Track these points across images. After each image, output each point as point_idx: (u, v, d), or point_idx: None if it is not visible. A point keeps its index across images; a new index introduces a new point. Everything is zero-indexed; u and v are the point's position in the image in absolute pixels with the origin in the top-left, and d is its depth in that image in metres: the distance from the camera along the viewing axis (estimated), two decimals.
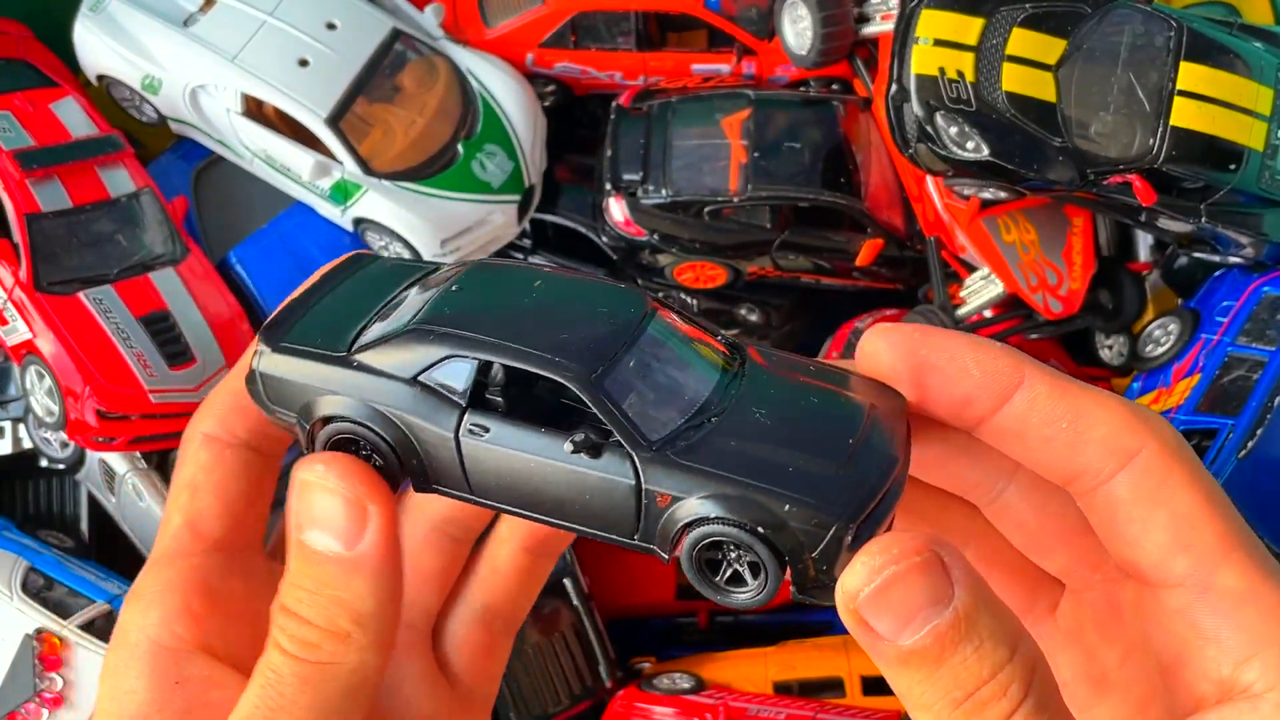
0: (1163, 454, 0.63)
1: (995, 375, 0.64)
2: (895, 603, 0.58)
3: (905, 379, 0.66)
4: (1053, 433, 0.64)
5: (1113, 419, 0.64)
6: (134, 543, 2.24)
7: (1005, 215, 2.18)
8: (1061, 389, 0.64)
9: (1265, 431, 1.95)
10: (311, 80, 2.22)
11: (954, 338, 0.66)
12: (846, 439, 0.63)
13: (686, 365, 0.65)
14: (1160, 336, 2.20)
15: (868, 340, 0.67)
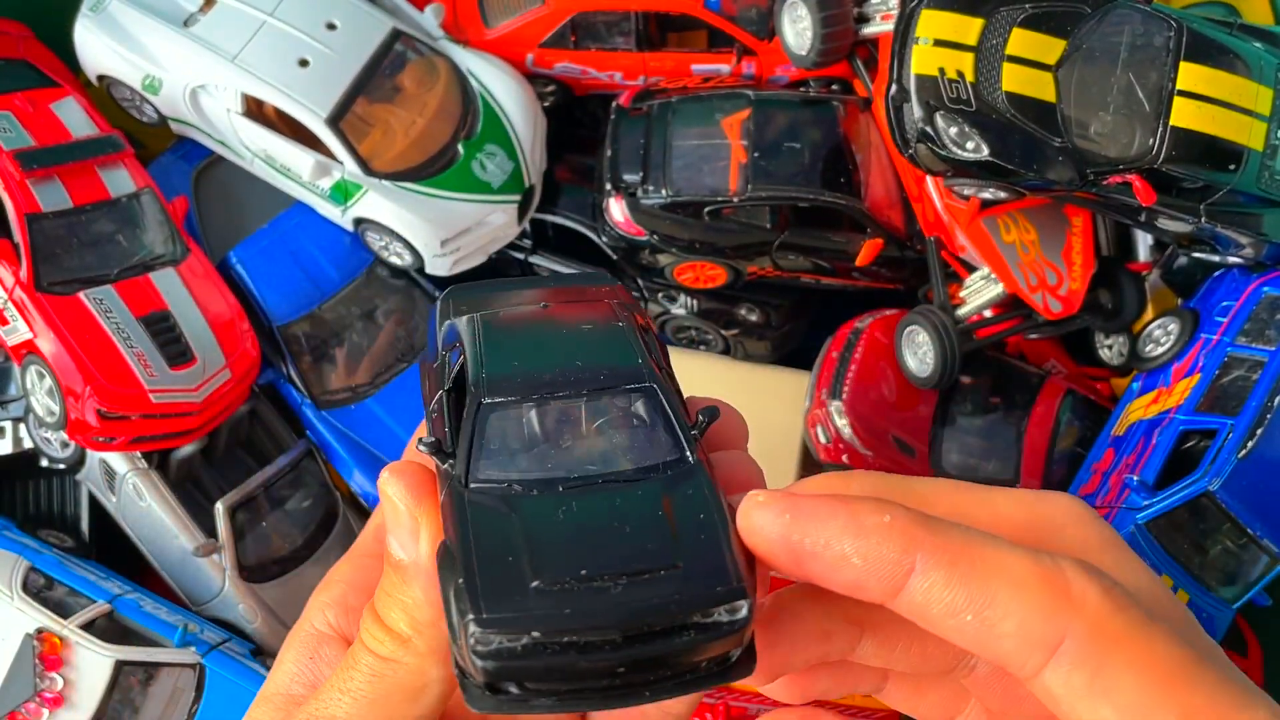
0: (1093, 638, 0.54)
1: (878, 566, 0.56)
2: None
3: (785, 563, 0.58)
4: (958, 624, 0.55)
5: (1024, 607, 0.54)
6: (134, 542, 2.24)
7: (1005, 215, 2.18)
8: (962, 574, 0.54)
9: (1265, 431, 1.95)
10: (311, 80, 2.23)
11: (831, 518, 0.56)
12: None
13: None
14: (1160, 336, 2.20)
15: (741, 514, 0.60)
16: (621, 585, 0.58)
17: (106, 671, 1.94)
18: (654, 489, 0.63)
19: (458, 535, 0.61)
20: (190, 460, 2.24)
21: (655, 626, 0.57)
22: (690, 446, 0.65)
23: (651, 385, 0.67)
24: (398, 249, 2.33)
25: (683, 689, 0.59)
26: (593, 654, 0.57)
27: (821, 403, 2.20)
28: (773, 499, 0.58)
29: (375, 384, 2.37)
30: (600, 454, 0.65)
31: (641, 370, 0.67)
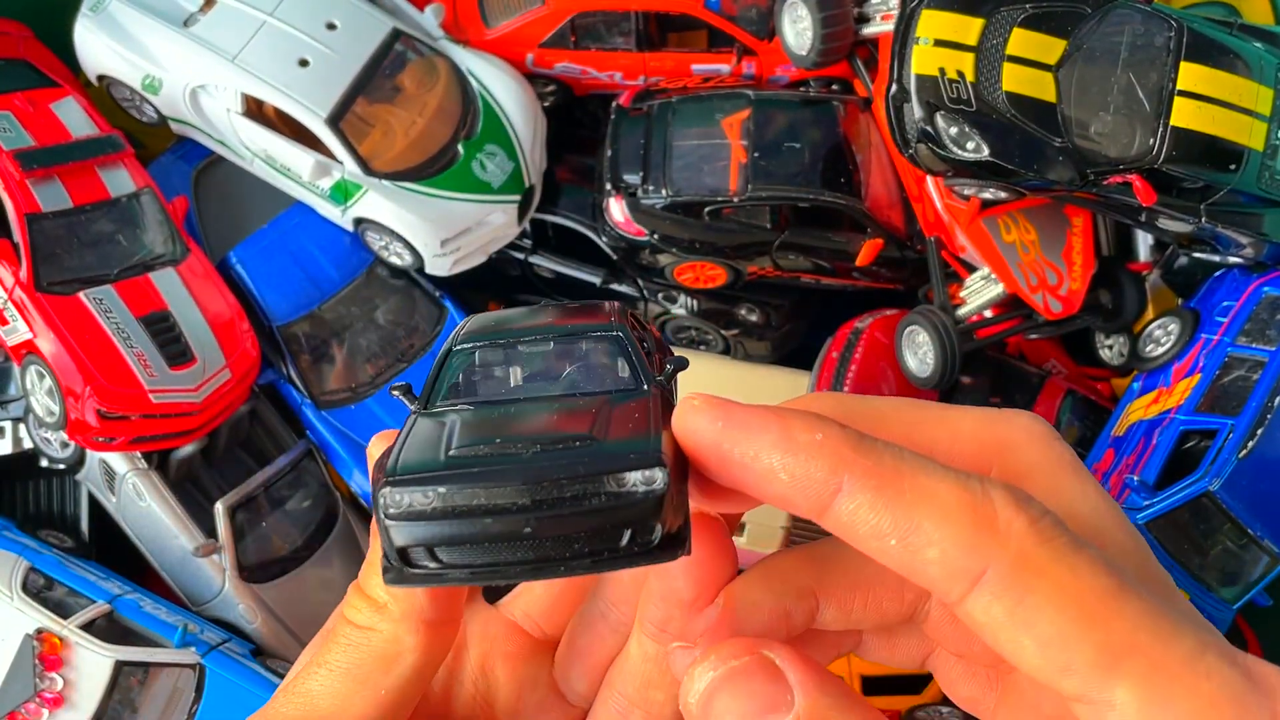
0: (1015, 570, 0.53)
1: (805, 483, 0.55)
2: (724, 711, 0.53)
3: (716, 470, 0.58)
4: (883, 547, 0.54)
5: (947, 536, 0.53)
6: (134, 543, 2.24)
7: (1005, 215, 2.18)
8: (887, 499, 0.54)
9: (1265, 431, 1.95)
10: (311, 80, 2.22)
11: (763, 431, 0.55)
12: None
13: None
14: (1160, 336, 2.20)
15: (677, 416, 0.59)
16: (533, 451, 0.58)
17: (106, 672, 1.94)
18: (596, 402, 0.64)
19: (395, 440, 0.63)
20: (190, 460, 2.24)
21: (564, 490, 0.57)
22: (648, 379, 0.66)
23: (617, 333, 0.67)
24: (398, 249, 2.33)
25: (600, 565, 0.57)
26: (501, 517, 0.57)
27: None
28: (708, 404, 0.57)
29: (375, 384, 2.37)
30: (556, 383, 0.67)
31: (611, 324, 0.68)
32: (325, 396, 2.35)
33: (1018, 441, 0.61)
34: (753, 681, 0.53)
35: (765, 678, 0.53)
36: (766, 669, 0.53)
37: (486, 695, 0.75)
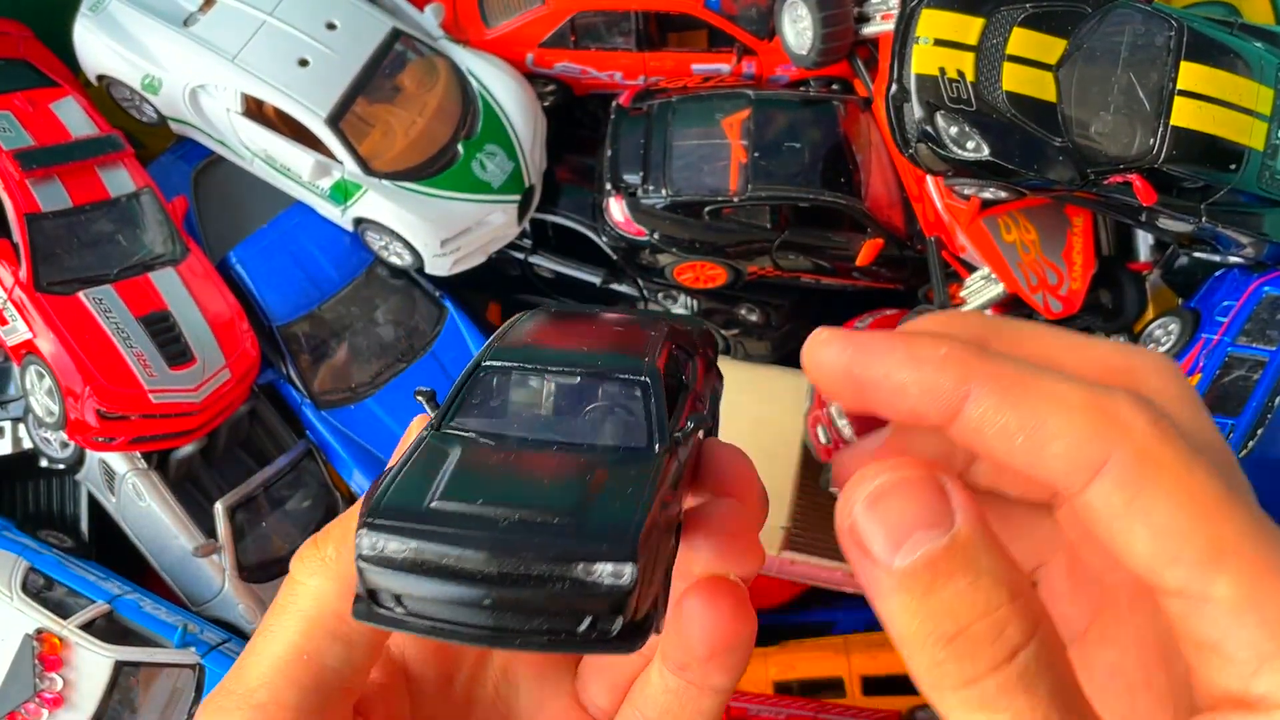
0: (1136, 461, 0.57)
1: (936, 393, 0.59)
2: (890, 516, 0.55)
3: (849, 395, 0.62)
4: (1009, 447, 0.58)
5: (1073, 427, 0.57)
6: (134, 543, 2.24)
7: (1005, 215, 2.18)
8: (1014, 399, 0.58)
9: (1265, 431, 1.95)
10: (311, 80, 2.22)
11: (891, 351, 0.60)
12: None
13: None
14: (1160, 336, 2.20)
15: (810, 350, 0.63)
16: (511, 521, 0.59)
17: (106, 672, 1.94)
18: (597, 461, 0.64)
19: (397, 462, 0.64)
20: (190, 460, 2.24)
21: (530, 568, 0.57)
22: (661, 439, 0.65)
23: (645, 380, 0.67)
24: (398, 249, 2.33)
25: (555, 646, 0.58)
26: (465, 583, 0.58)
27: (822, 403, 2.20)
28: (835, 335, 0.62)
29: (375, 384, 2.37)
30: (571, 426, 0.67)
31: (642, 366, 0.67)
32: (325, 396, 2.35)
33: (1144, 371, 0.63)
34: (922, 493, 0.55)
35: (934, 494, 0.55)
36: (936, 487, 0.55)
37: (507, 700, 0.74)
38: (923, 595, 0.54)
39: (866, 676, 2.20)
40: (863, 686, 2.20)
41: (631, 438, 0.66)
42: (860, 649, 2.23)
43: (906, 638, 0.55)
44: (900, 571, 0.55)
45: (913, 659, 0.56)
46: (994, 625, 0.54)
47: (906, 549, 0.54)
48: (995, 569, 0.55)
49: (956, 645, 0.54)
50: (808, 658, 2.27)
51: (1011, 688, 0.53)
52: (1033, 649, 0.54)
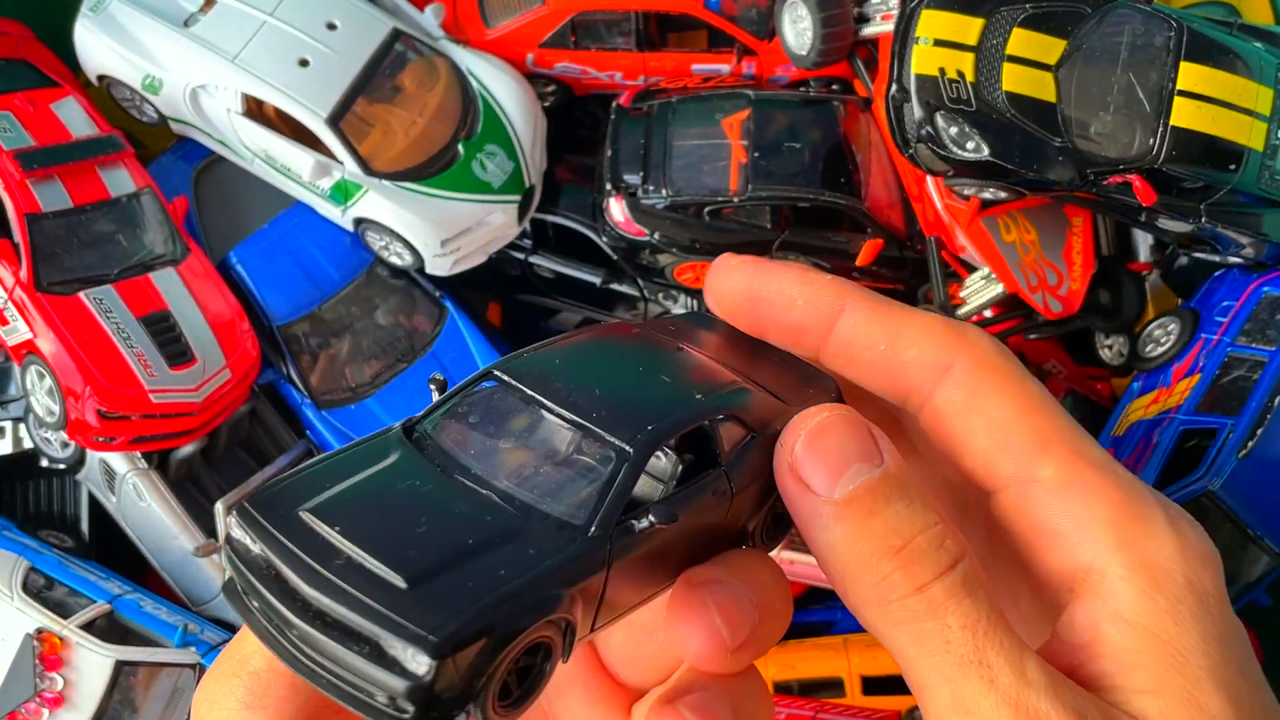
0: (975, 365, 0.65)
1: (818, 305, 0.69)
2: (827, 452, 0.60)
3: (744, 312, 0.71)
4: (874, 355, 0.67)
5: (926, 337, 0.66)
6: (135, 542, 2.24)
7: (1005, 215, 2.18)
8: (881, 313, 0.68)
9: (1265, 431, 1.95)
10: (311, 80, 2.22)
11: (785, 271, 0.70)
12: None
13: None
14: (1160, 336, 2.20)
15: (715, 271, 0.72)
16: (351, 560, 0.56)
17: (106, 672, 1.94)
18: (514, 527, 0.59)
19: (333, 450, 0.64)
20: (190, 460, 2.24)
21: (336, 614, 0.54)
22: (601, 527, 0.60)
23: (626, 451, 0.62)
24: (398, 249, 2.33)
25: (350, 703, 0.55)
26: (284, 600, 0.56)
27: None
28: (741, 259, 0.72)
29: (375, 384, 2.37)
30: (527, 476, 0.62)
31: (636, 436, 0.62)
32: (325, 396, 2.35)
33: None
34: (855, 430, 0.61)
35: (864, 432, 0.62)
36: (864, 426, 0.62)
37: (559, 715, 0.75)
38: (865, 518, 0.59)
39: (866, 676, 2.20)
40: (862, 686, 2.20)
41: (574, 512, 0.61)
42: (860, 649, 2.23)
43: (849, 561, 0.60)
44: (841, 500, 0.60)
45: (856, 581, 0.60)
46: (934, 537, 0.59)
47: (846, 479, 0.60)
48: (923, 496, 0.61)
49: (902, 555, 0.59)
50: (807, 657, 2.27)
51: (957, 591, 0.58)
52: (968, 559, 0.59)
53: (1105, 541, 0.61)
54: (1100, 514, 0.62)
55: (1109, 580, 0.61)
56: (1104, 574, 0.61)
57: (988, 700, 0.56)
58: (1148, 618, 0.59)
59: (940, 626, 0.58)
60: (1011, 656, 0.57)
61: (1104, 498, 0.63)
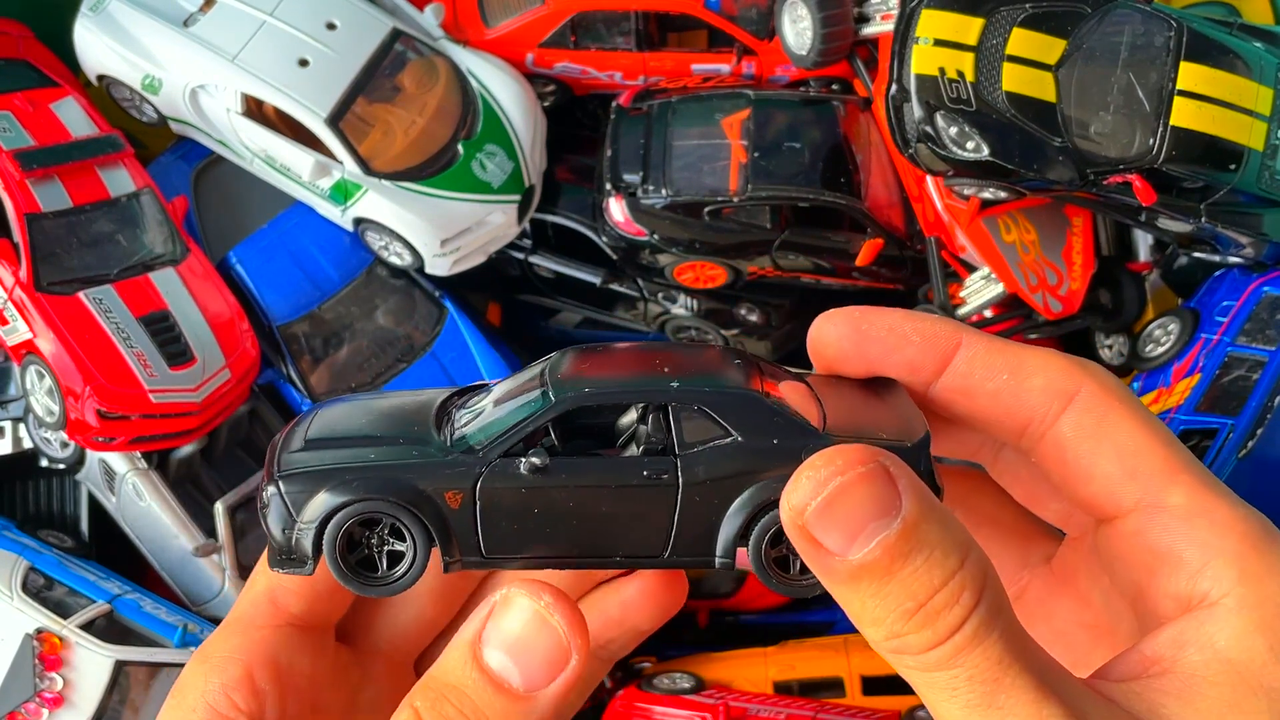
0: (1100, 392, 0.67)
1: (934, 339, 0.69)
2: (842, 516, 0.58)
3: (851, 354, 0.70)
4: (996, 385, 0.68)
5: (1049, 366, 0.67)
6: (134, 543, 2.24)
7: (1005, 215, 2.18)
8: (999, 346, 0.69)
9: (1265, 431, 1.95)
10: (311, 80, 2.22)
11: (892, 312, 0.70)
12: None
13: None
14: (1160, 336, 2.20)
15: (815, 327, 0.71)
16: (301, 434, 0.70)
17: (106, 672, 1.94)
18: (419, 436, 0.68)
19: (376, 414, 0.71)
20: (190, 460, 2.24)
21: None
22: (484, 449, 0.67)
23: (549, 397, 0.67)
24: (398, 249, 2.33)
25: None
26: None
27: None
28: (845, 309, 0.71)
29: (375, 384, 2.37)
30: (481, 413, 0.70)
31: (565, 390, 0.67)
32: (325, 396, 2.35)
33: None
34: (871, 486, 0.58)
35: (881, 483, 0.59)
36: (883, 475, 0.59)
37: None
38: (880, 580, 0.58)
39: (866, 676, 2.20)
40: (863, 686, 2.20)
41: (478, 437, 0.67)
42: (860, 649, 2.23)
43: (866, 619, 0.59)
44: (857, 565, 0.58)
45: (873, 634, 0.60)
46: (950, 595, 0.58)
47: (860, 542, 0.58)
48: (944, 537, 0.58)
49: (917, 619, 0.58)
50: (807, 657, 2.27)
51: (967, 644, 0.58)
52: (985, 603, 0.58)
53: (1229, 573, 0.62)
54: (1228, 545, 0.62)
55: (1218, 610, 0.61)
56: (1216, 603, 0.61)
57: None
58: (1243, 654, 0.59)
59: (950, 679, 0.58)
60: (1026, 697, 0.57)
61: (1232, 530, 0.63)
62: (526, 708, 0.62)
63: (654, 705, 2.16)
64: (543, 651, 0.62)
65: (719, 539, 0.67)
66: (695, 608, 2.51)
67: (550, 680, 0.62)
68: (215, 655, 0.73)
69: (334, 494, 0.65)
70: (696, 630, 2.52)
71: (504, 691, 0.62)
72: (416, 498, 0.64)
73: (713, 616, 2.52)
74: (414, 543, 0.65)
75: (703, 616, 2.52)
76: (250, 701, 0.70)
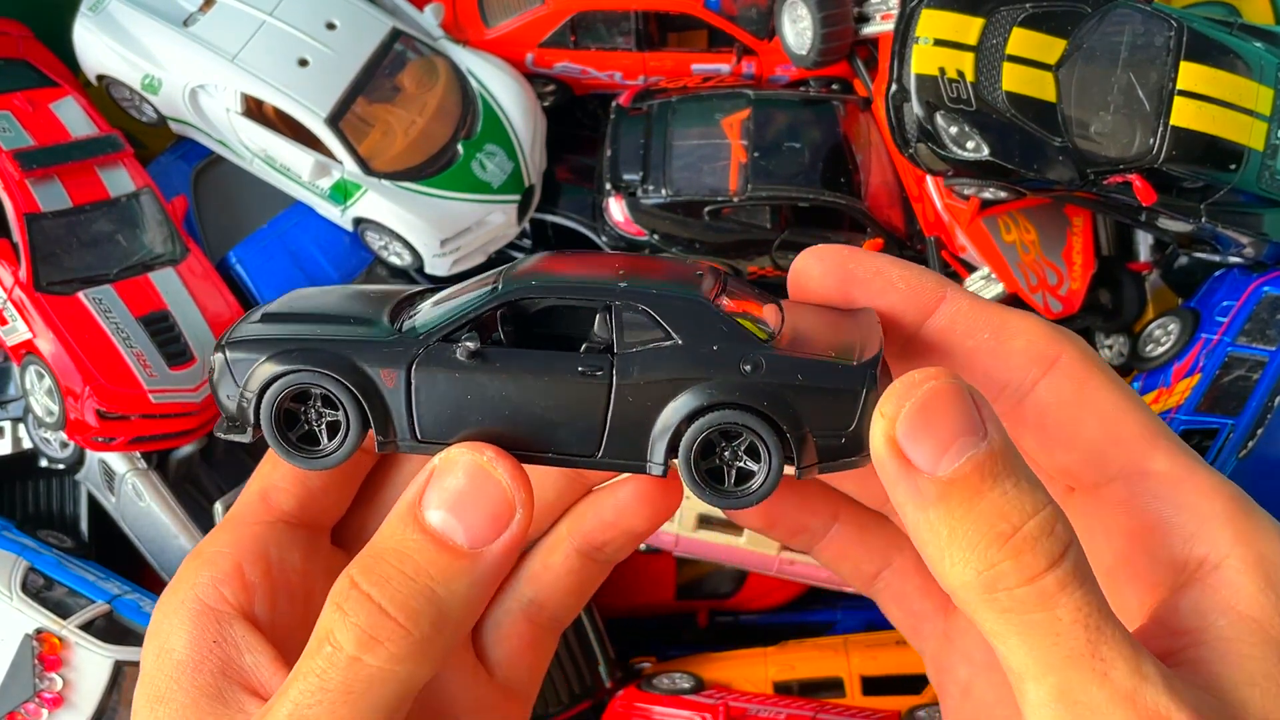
0: (1080, 359, 0.66)
1: (919, 290, 0.67)
2: (932, 427, 0.56)
3: (833, 293, 0.69)
4: (976, 344, 0.67)
5: (1030, 330, 0.66)
6: (134, 543, 2.24)
7: (1005, 215, 2.18)
8: (982, 305, 0.67)
9: (1265, 431, 1.95)
10: (311, 80, 2.22)
11: (881, 257, 0.69)
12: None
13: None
14: (1160, 336, 2.20)
15: (800, 260, 0.70)
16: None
17: (106, 672, 1.94)
18: (369, 317, 0.71)
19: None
20: (190, 460, 2.24)
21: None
22: (422, 330, 0.68)
23: (496, 288, 0.69)
24: (397, 249, 2.33)
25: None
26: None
27: None
28: (834, 246, 0.70)
29: None
30: (439, 301, 0.73)
31: (511, 283, 0.69)
32: None
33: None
34: (959, 402, 0.57)
35: (969, 403, 0.57)
36: (968, 396, 0.57)
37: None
38: (971, 499, 0.55)
39: (866, 676, 2.20)
40: (863, 686, 2.20)
41: (423, 322, 0.69)
42: (860, 649, 2.23)
43: (953, 545, 0.56)
44: (946, 479, 0.55)
45: (959, 567, 0.56)
46: (1044, 523, 0.55)
47: (950, 456, 0.55)
48: (1030, 475, 0.57)
49: (1014, 544, 0.54)
50: (807, 657, 2.27)
51: (1069, 581, 0.55)
52: (1077, 546, 0.56)
53: (1223, 536, 0.61)
54: (1218, 508, 0.62)
55: (1225, 572, 0.60)
56: (1219, 566, 0.60)
57: (1101, 693, 0.54)
58: (1261, 611, 0.59)
59: (1051, 619, 0.55)
60: (1125, 651, 0.55)
61: (1219, 494, 0.62)
62: (470, 564, 0.60)
63: (654, 705, 2.16)
64: (487, 506, 0.60)
65: (652, 445, 0.65)
66: (695, 608, 2.51)
67: (496, 536, 0.60)
68: (207, 551, 0.71)
69: (274, 364, 0.66)
70: (696, 630, 2.52)
71: (447, 549, 0.60)
72: (353, 373, 0.66)
73: (713, 616, 2.52)
74: (347, 417, 0.66)
75: (703, 616, 2.52)
76: (240, 595, 0.69)
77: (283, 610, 0.70)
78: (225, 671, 0.66)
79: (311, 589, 0.72)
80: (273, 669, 0.66)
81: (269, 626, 0.69)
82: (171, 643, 0.67)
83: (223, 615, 0.68)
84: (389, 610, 0.59)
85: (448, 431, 0.65)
